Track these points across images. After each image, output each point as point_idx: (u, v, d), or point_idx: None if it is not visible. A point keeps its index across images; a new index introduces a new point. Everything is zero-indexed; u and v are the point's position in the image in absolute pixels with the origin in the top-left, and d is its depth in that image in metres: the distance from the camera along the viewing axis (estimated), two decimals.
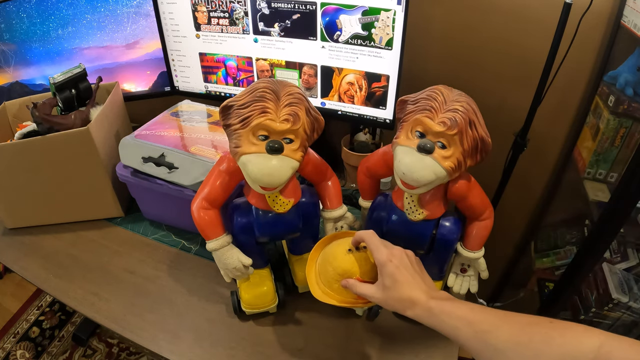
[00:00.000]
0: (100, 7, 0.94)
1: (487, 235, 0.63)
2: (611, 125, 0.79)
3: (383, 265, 0.49)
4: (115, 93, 0.90)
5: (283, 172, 0.53)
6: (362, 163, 0.68)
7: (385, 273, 0.48)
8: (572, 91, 0.91)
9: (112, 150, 0.84)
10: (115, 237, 0.86)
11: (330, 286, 0.55)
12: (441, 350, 0.64)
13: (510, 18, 0.87)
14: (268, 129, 0.52)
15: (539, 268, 1.07)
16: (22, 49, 0.95)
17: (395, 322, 0.69)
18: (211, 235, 0.61)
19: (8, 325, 1.53)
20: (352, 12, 0.79)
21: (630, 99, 0.75)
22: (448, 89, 0.54)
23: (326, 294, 0.55)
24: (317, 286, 0.57)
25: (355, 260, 0.54)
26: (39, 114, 0.77)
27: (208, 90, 1.02)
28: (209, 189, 0.61)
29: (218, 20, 0.90)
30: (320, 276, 0.57)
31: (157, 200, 0.82)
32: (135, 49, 1.00)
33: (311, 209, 0.66)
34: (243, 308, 0.67)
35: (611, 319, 0.85)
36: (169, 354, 0.64)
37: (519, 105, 0.89)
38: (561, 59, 0.79)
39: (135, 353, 1.43)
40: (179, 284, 0.75)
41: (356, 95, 0.88)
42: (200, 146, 0.76)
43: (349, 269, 0.53)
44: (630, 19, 0.74)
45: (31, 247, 0.84)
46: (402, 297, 0.47)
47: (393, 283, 0.47)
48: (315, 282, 0.57)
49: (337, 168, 0.90)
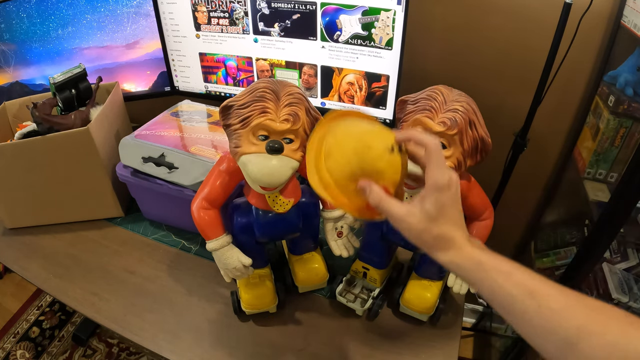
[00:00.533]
0: (100, 7, 0.94)
1: (487, 235, 0.63)
2: (611, 125, 0.79)
3: (439, 189, 0.38)
4: (115, 93, 0.90)
5: (283, 172, 0.53)
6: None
7: (436, 200, 0.38)
8: (572, 91, 0.91)
9: (112, 150, 0.84)
10: (115, 237, 0.86)
11: (337, 179, 0.41)
12: (441, 350, 0.64)
13: (510, 18, 0.87)
14: (268, 129, 0.52)
15: (539, 268, 1.07)
16: (22, 49, 0.95)
17: (395, 322, 0.69)
18: (211, 235, 0.61)
19: (8, 325, 1.53)
20: (352, 12, 0.79)
21: (630, 99, 0.75)
22: (448, 89, 0.54)
23: (327, 188, 0.42)
24: (315, 173, 0.43)
25: (393, 163, 0.41)
26: (39, 114, 0.77)
27: (208, 90, 1.02)
28: (209, 189, 0.61)
29: (218, 20, 0.90)
30: (328, 160, 0.42)
31: (157, 200, 0.82)
32: (135, 49, 1.00)
33: (311, 209, 0.66)
34: (243, 308, 0.67)
35: None
36: (169, 354, 0.64)
37: (519, 105, 0.89)
38: (561, 58, 0.79)
39: (135, 353, 1.43)
40: (179, 284, 0.75)
41: (356, 95, 0.88)
42: (200, 146, 0.76)
43: (382, 171, 0.40)
44: (630, 19, 0.74)
45: (31, 247, 0.84)
46: (443, 235, 0.38)
47: (440, 215, 0.38)
48: (314, 166, 0.43)
49: None
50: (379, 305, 0.68)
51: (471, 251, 0.37)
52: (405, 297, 0.67)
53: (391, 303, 0.71)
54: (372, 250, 0.69)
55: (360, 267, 0.71)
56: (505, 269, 0.35)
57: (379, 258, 0.69)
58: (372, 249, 0.69)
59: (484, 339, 1.39)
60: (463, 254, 0.37)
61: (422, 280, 0.68)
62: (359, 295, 0.70)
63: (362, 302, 0.69)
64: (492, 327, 1.32)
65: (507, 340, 1.19)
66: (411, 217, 0.38)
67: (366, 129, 0.43)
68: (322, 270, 0.71)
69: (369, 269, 0.70)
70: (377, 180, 0.40)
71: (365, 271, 0.71)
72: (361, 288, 0.72)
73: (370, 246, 0.68)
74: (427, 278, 0.68)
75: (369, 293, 0.70)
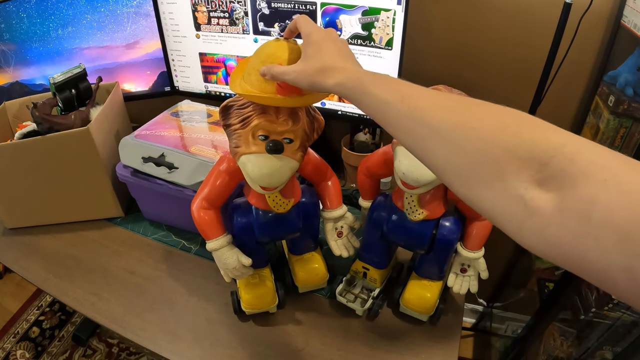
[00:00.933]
0: (100, 7, 0.94)
1: (487, 235, 0.63)
2: (611, 125, 0.79)
3: (309, 34, 0.43)
4: (115, 93, 0.90)
5: (283, 172, 0.53)
6: (362, 163, 0.68)
7: (310, 41, 0.43)
8: (572, 91, 0.91)
9: (112, 150, 0.84)
10: (115, 237, 0.86)
11: (249, 78, 0.49)
12: (441, 350, 0.64)
13: (510, 18, 0.87)
14: (268, 129, 0.52)
15: (539, 268, 1.07)
16: (22, 49, 0.95)
17: (395, 322, 0.69)
18: (211, 235, 0.61)
19: (8, 325, 1.53)
20: (352, 12, 0.79)
21: (630, 99, 0.75)
22: (448, 89, 0.54)
23: (242, 87, 0.49)
24: (237, 81, 0.51)
25: (281, 45, 0.47)
26: (39, 114, 0.77)
27: (208, 90, 1.02)
28: (209, 189, 0.61)
29: (218, 20, 0.90)
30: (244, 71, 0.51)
31: (157, 200, 0.82)
32: (135, 49, 1.00)
33: (311, 209, 0.66)
34: (243, 308, 0.67)
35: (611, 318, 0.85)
36: (169, 354, 0.64)
37: (519, 105, 0.88)
38: (561, 58, 0.79)
39: (135, 353, 1.43)
40: (179, 284, 0.75)
41: None
42: (200, 146, 0.76)
43: (273, 53, 0.47)
44: (630, 19, 0.74)
45: (31, 247, 0.84)
46: (325, 64, 0.41)
47: (317, 52, 0.42)
48: (237, 79, 0.51)
49: (337, 168, 0.90)
50: (379, 305, 0.68)
51: (352, 70, 0.40)
52: (405, 297, 0.67)
53: (391, 303, 0.71)
54: (372, 250, 0.69)
55: (360, 267, 0.71)
56: (379, 80, 0.37)
57: (379, 258, 0.69)
58: (372, 249, 0.69)
59: (484, 339, 1.39)
60: (345, 74, 0.40)
61: (422, 280, 0.68)
62: (359, 295, 0.70)
63: (362, 302, 0.69)
64: (492, 327, 1.32)
65: (507, 340, 1.19)
66: (297, 66, 0.43)
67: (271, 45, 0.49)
68: (322, 270, 0.71)
69: (369, 269, 0.70)
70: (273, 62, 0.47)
71: (365, 271, 0.71)
72: (361, 288, 0.72)
73: (370, 246, 0.69)
74: (427, 278, 0.68)
75: (369, 293, 0.70)
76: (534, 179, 0.26)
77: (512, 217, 0.27)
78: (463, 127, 0.30)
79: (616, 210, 0.22)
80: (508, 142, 0.28)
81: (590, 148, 0.25)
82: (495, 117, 0.30)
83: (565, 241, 0.24)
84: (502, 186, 0.28)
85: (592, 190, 0.23)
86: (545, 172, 0.26)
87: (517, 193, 0.27)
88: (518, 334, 1.06)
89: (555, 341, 0.95)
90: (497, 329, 1.30)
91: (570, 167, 0.25)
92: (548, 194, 0.25)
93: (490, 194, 0.29)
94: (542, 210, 0.25)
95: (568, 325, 0.92)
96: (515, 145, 0.27)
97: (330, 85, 0.40)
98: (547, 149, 0.26)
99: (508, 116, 0.30)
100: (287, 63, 0.46)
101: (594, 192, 0.23)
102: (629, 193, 0.22)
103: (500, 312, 1.28)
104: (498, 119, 0.30)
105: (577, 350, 0.87)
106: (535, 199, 0.26)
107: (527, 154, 0.27)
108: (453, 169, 0.31)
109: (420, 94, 0.34)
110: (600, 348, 0.82)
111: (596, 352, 0.83)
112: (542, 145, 0.26)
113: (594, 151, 0.25)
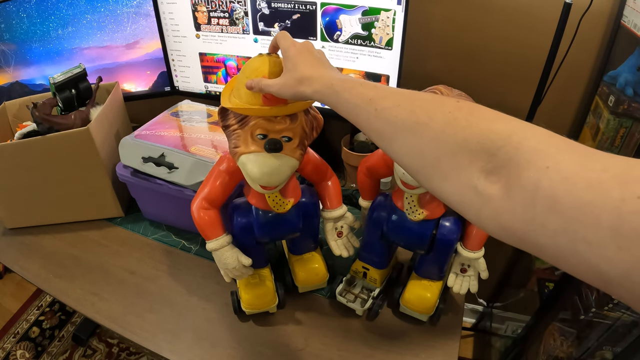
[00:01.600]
0: (100, 7, 0.94)
1: (487, 235, 0.63)
2: (611, 125, 0.79)
3: (286, 49, 0.47)
4: (115, 93, 0.90)
5: (283, 170, 0.53)
6: (362, 163, 0.68)
7: (288, 57, 0.46)
8: (572, 91, 0.91)
9: (112, 150, 0.84)
10: (115, 237, 0.86)
11: (238, 92, 0.52)
12: (441, 350, 0.64)
13: (510, 18, 0.87)
14: (266, 128, 0.52)
15: (539, 268, 1.07)
16: (22, 49, 0.95)
17: (395, 322, 0.69)
18: (211, 235, 0.61)
19: (8, 325, 1.53)
20: (352, 12, 0.79)
21: (630, 99, 0.75)
22: (448, 89, 0.54)
23: (231, 101, 0.53)
24: (227, 96, 0.54)
25: (264, 60, 0.51)
26: (39, 114, 0.77)
27: (208, 90, 1.02)
28: (209, 189, 0.61)
29: (218, 20, 0.90)
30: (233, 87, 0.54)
31: (157, 200, 0.82)
32: (135, 49, 1.00)
33: (311, 209, 0.66)
34: (243, 308, 0.67)
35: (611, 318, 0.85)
36: (169, 354, 0.64)
37: (519, 105, 0.89)
38: (561, 58, 0.79)
39: (135, 353, 1.43)
40: (179, 284, 0.75)
41: None
42: (200, 146, 0.76)
43: (257, 68, 0.51)
44: (630, 19, 0.74)
45: (31, 247, 0.84)
46: (302, 76, 0.44)
47: (294, 65, 0.45)
48: (227, 94, 0.55)
49: (337, 168, 0.90)
50: (379, 305, 0.68)
51: (326, 77, 0.42)
52: (405, 297, 0.67)
53: (391, 303, 0.71)
54: (372, 250, 0.69)
55: (360, 267, 0.71)
56: (348, 85, 0.40)
57: (379, 258, 0.69)
58: (372, 249, 0.69)
59: (484, 339, 1.39)
60: (319, 82, 0.43)
61: (422, 280, 0.68)
62: (359, 295, 0.70)
63: (362, 302, 0.69)
64: (492, 327, 1.32)
65: (507, 340, 1.19)
66: (280, 79, 0.46)
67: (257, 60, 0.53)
68: (322, 270, 0.71)
69: (369, 269, 0.70)
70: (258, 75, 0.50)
71: (365, 271, 0.71)
72: (361, 288, 0.72)
73: (370, 246, 0.68)
74: (427, 278, 0.68)
75: (369, 293, 0.70)
76: (484, 169, 0.28)
77: (470, 205, 0.29)
78: (420, 124, 0.32)
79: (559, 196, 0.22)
80: (458, 135, 0.29)
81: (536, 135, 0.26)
82: (446, 112, 0.31)
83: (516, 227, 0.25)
84: (458, 178, 0.29)
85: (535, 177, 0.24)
86: (494, 162, 0.27)
87: (471, 183, 0.28)
88: (518, 334, 1.06)
89: (555, 341, 0.95)
90: (497, 329, 1.30)
91: (516, 155, 0.26)
92: (497, 183, 0.27)
93: (449, 186, 0.30)
94: (493, 198, 0.27)
95: (568, 325, 0.92)
96: (465, 139, 0.29)
97: (309, 94, 0.43)
98: (496, 139, 0.27)
99: (458, 110, 0.31)
100: (271, 76, 0.49)
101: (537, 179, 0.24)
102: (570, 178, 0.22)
103: (500, 312, 1.28)
104: (449, 114, 0.31)
105: (577, 350, 0.87)
106: (487, 188, 0.27)
107: (477, 146, 0.28)
108: (417, 164, 0.33)
109: (385, 96, 0.36)
110: (600, 348, 0.82)
111: (596, 352, 0.83)
112: (491, 136, 0.28)
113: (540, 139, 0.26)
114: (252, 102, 0.50)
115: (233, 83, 0.55)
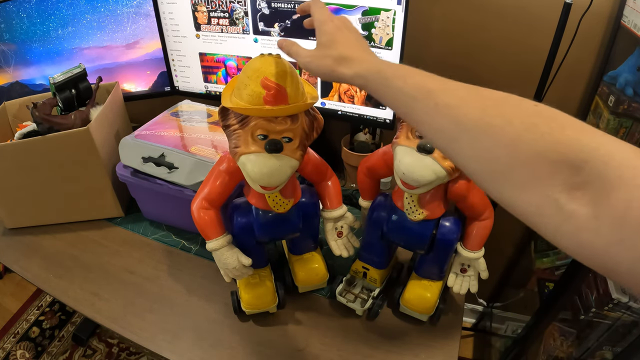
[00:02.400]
0: (100, 7, 0.94)
1: (487, 235, 0.63)
2: (611, 125, 0.79)
3: (322, 22, 0.43)
4: (115, 93, 0.90)
5: (283, 171, 0.53)
6: (362, 163, 0.68)
7: (324, 31, 0.42)
8: (572, 91, 0.91)
9: (112, 150, 0.84)
10: (115, 237, 0.86)
11: (239, 92, 0.51)
12: (441, 350, 0.64)
13: (510, 18, 0.87)
14: (267, 128, 0.52)
15: (539, 268, 1.07)
16: (22, 49, 0.95)
17: (395, 322, 0.69)
18: (211, 235, 0.61)
19: (8, 325, 1.53)
20: (352, 12, 0.79)
21: (630, 99, 0.75)
22: None
23: (232, 101, 0.53)
24: (228, 96, 0.54)
25: (267, 61, 0.50)
26: (39, 114, 0.77)
27: (208, 90, 1.02)
28: (209, 189, 0.61)
29: (218, 20, 0.90)
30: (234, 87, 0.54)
31: (157, 200, 0.82)
32: (135, 49, 1.00)
33: (311, 209, 0.66)
34: (243, 308, 0.67)
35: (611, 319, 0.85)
36: (169, 354, 0.64)
37: None
38: (561, 58, 0.79)
39: (135, 353, 1.43)
40: (179, 284, 0.75)
41: (356, 95, 0.88)
42: (200, 146, 0.76)
43: (258, 68, 0.49)
44: (630, 19, 0.74)
45: (31, 247, 0.84)
46: (341, 55, 0.40)
47: (332, 42, 0.41)
48: (228, 94, 0.54)
49: (337, 168, 0.90)
50: (379, 305, 0.68)
51: (371, 61, 0.39)
52: (405, 297, 0.67)
53: (391, 303, 0.71)
54: (372, 250, 0.69)
55: (360, 267, 0.71)
56: (402, 73, 0.36)
57: (379, 258, 0.69)
58: (372, 249, 0.69)
59: (484, 339, 1.39)
60: (364, 65, 0.39)
61: (422, 280, 0.68)
62: (359, 295, 0.70)
63: (362, 302, 0.69)
64: (492, 327, 1.32)
65: (507, 340, 1.19)
66: (313, 52, 0.43)
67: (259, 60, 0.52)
68: (322, 270, 0.71)
69: (369, 269, 0.70)
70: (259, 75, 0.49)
71: (365, 271, 0.71)
72: (361, 288, 0.72)
73: (370, 246, 0.68)
74: (427, 278, 0.68)
75: (369, 293, 0.70)
76: (567, 183, 0.25)
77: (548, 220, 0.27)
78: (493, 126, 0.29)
79: None
80: (538, 143, 0.27)
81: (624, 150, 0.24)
82: (525, 116, 0.28)
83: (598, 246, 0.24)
84: (536, 190, 0.27)
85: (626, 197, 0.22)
86: (580, 176, 0.25)
87: (552, 197, 0.26)
88: (518, 334, 1.06)
89: (555, 341, 0.95)
90: (497, 329, 1.30)
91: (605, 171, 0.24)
92: (582, 199, 0.25)
93: (525, 197, 0.28)
94: (576, 216, 0.25)
95: (568, 325, 0.92)
96: (545, 147, 0.26)
97: (349, 76, 0.39)
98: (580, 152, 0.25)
99: (538, 115, 0.28)
100: (272, 77, 0.49)
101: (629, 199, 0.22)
102: None
103: (500, 312, 1.28)
104: (528, 118, 0.28)
105: (577, 350, 0.87)
106: (570, 204, 0.25)
107: (559, 157, 0.26)
108: (484, 169, 0.30)
109: (447, 89, 0.33)
110: (600, 348, 0.82)
111: (596, 352, 0.83)
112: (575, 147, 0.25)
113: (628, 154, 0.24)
114: (253, 102, 0.50)
115: (234, 83, 0.54)
